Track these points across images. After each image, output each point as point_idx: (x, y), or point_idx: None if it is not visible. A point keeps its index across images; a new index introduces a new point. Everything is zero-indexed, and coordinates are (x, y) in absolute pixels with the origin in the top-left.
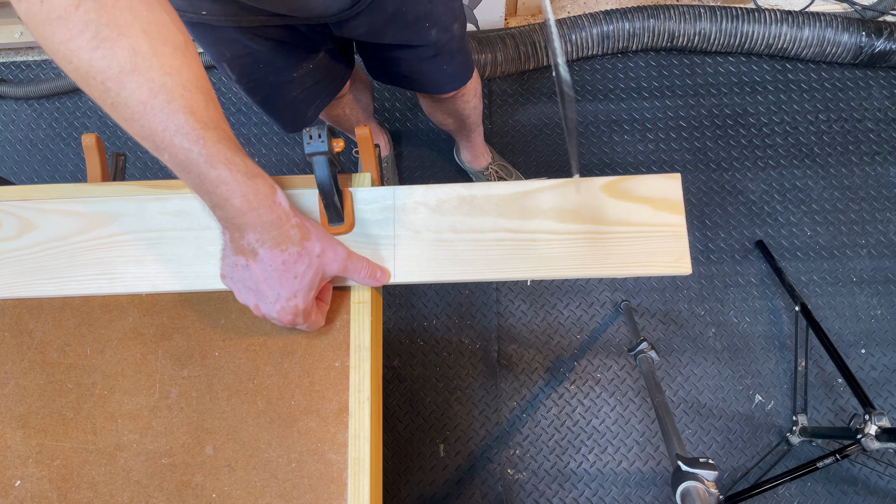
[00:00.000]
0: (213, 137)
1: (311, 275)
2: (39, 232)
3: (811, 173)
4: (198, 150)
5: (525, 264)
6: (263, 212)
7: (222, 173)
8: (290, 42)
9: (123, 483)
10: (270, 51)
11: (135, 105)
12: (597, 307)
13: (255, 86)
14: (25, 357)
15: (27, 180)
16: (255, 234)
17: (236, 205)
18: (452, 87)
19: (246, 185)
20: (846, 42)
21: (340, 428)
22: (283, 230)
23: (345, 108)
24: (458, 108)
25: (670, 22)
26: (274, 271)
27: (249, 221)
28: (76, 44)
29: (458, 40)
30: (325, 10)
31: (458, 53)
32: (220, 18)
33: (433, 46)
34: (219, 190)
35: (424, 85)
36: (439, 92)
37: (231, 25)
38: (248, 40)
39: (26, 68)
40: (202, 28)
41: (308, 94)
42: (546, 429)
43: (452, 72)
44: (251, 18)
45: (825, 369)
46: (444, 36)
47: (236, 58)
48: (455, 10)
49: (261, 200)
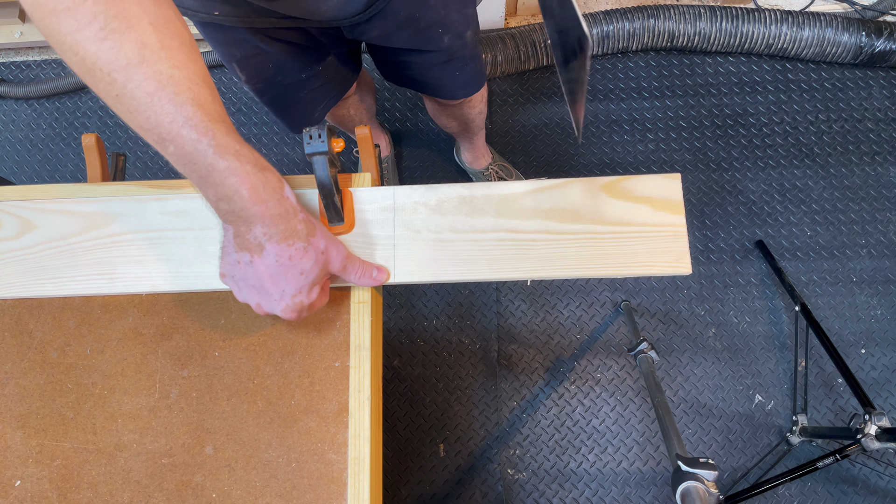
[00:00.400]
0: (221, 129)
1: (317, 271)
2: (39, 232)
3: (811, 173)
4: (207, 140)
5: (525, 264)
6: (272, 204)
7: (232, 164)
8: (301, 44)
9: (123, 483)
10: (281, 52)
11: (142, 97)
12: (597, 307)
13: (264, 86)
14: (25, 357)
15: (27, 180)
16: (263, 228)
17: (245, 196)
18: (464, 94)
19: (255, 177)
20: (846, 42)
21: (340, 428)
22: (290, 224)
23: (349, 110)
24: (465, 112)
25: (670, 22)
26: (280, 267)
27: (258, 213)
28: (83, 35)
29: (470, 47)
30: (338, 14)
31: (471, 60)
32: (231, 19)
33: (445, 52)
34: (228, 181)
35: (435, 90)
36: (450, 98)
37: (242, 26)
38: (259, 41)
39: (26, 68)
40: (213, 28)
41: (316, 96)
42: (546, 429)
43: (465, 78)
44: (263, 20)
45: (825, 369)
46: (457, 43)
47: (246, 58)
48: (468, 16)
49: (270, 193)
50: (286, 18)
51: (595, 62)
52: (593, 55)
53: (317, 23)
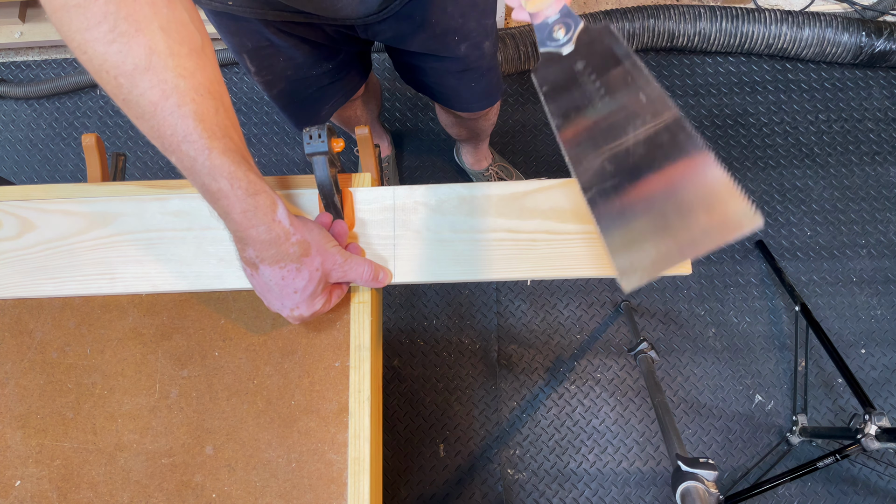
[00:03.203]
0: (219, 148)
1: (311, 287)
2: (39, 232)
3: (811, 173)
4: (202, 160)
5: (525, 264)
6: (262, 230)
7: (223, 187)
8: (313, 40)
9: (123, 483)
10: (292, 47)
11: (145, 105)
12: (597, 307)
13: (272, 79)
14: (25, 357)
15: (27, 180)
16: (255, 251)
17: (236, 219)
18: (480, 107)
19: (245, 202)
20: (846, 42)
21: (340, 428)
22: (281, 248)
23: (356, 111)
24: (480, 125)
25: (670, 22)
26: (275, 286)
27: (248, 237)
28: (92, 34)
29: (488, 59)
30: (352, 13)
31: (488, 72)
32: (245, 10)
33: (462, 61)
34: (220, 203)
35: (450, 99)
36: (465, 110)
37: (255, 18)
38: (271, 34)
39: (26, 68)
40: (226, 18)
41: (324, 94)
42: (546, 429)
43: (481, 91)
44: (276, 14)
45: (825, 369)
46: (475, 53)
47: (257, 49)
48: (487, 27)
49: (260, 218)
50: (300, 14)
51: None
52: None
53: (331, 20)
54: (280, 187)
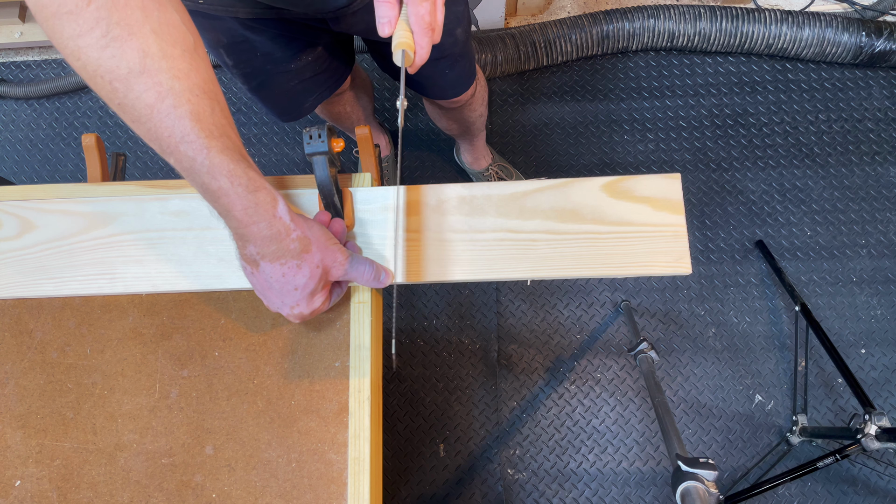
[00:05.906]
0: (217, 146)
1: (312, 285)
2: (39, 232)
3: (811, 173)
4: (200, 160)
5: (525, 264)
6: (263, 226)
7: (223, 185)
8: (288, 35)
9: (123, 483)
10: (269, 41)
11: (142, 108)
12: (597, 307)
13: (251, 72)
14: (25, 357)
15: (27, 180)
16: (256, 248)
17: (237, 216)
18: (455, 93)
19: (246, 199)
20: (846, 42)
21: (340, 428)
22: (282, 244)
23: (345, 106)
24: (465, 115)
25: (670, 22)
26: (275, 283)
27: (249, 234)
28: (85, 41)
29: (461, 45)
30: (323, 6)
31: (461, 58)
32: (216, 7)
33: (435, 49)
34: (220, 201)
35: (426, 88)
36: (441, 97)
37: (227, 15)
38: (245, 30)
39: (26, 68)
40: (198, 16)
41: (306, 86)
42: (546, 429)
43: (455, 77)
44: (247, 10)
45: (825, 369)
46: (448, 40)
47: (233, 45)
48: (458, 14)
49: (261, 215)
50: (271, 9)
51: (595, 62)
52: (593, 55)
53: (302, 14)
54: (280, 187)
